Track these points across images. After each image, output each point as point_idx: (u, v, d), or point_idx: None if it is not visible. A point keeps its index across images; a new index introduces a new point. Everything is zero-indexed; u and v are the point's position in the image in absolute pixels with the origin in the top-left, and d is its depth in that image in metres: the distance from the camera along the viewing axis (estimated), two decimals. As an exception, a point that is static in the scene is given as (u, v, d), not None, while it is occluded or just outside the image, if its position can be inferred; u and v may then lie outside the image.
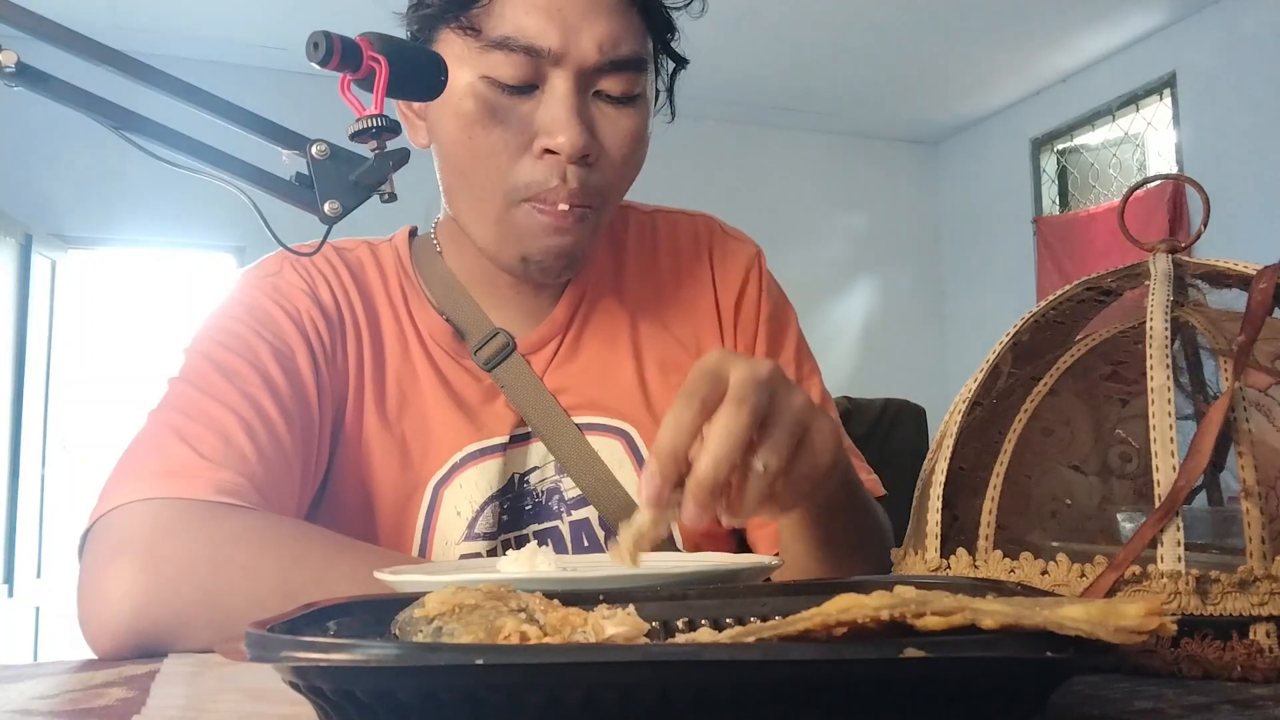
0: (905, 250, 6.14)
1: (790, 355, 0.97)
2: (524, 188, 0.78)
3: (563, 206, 0.78)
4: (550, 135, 0.76)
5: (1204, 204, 0.63)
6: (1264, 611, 0.49)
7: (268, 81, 4.32)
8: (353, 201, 0.70)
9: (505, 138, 0.77)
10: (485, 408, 0.87)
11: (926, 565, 0.59)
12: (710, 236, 0.98)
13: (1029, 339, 0.65)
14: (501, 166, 0.78)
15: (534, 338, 0.90)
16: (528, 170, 0.78)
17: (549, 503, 0.87)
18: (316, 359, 0.83)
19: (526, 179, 0.78)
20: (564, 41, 0.75)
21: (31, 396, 4.32)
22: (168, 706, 0.46)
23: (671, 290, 0.96)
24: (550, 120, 0.76)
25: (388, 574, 0.63)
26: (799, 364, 0.97)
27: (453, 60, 0.75)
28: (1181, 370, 0.63)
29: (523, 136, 0.77)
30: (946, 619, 0.33)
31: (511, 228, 0.80)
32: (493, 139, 0.77)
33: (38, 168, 4.51)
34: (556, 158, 0.77)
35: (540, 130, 0.77)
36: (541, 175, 0.77)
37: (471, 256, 0.89)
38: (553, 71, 0.76)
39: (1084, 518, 0.62)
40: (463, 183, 0.81)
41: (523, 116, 0.77)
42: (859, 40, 4.78)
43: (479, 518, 0.85)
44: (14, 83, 0.61)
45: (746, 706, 0.34)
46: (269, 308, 0.83)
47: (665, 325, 0.94)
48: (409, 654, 0.33)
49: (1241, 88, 4.37)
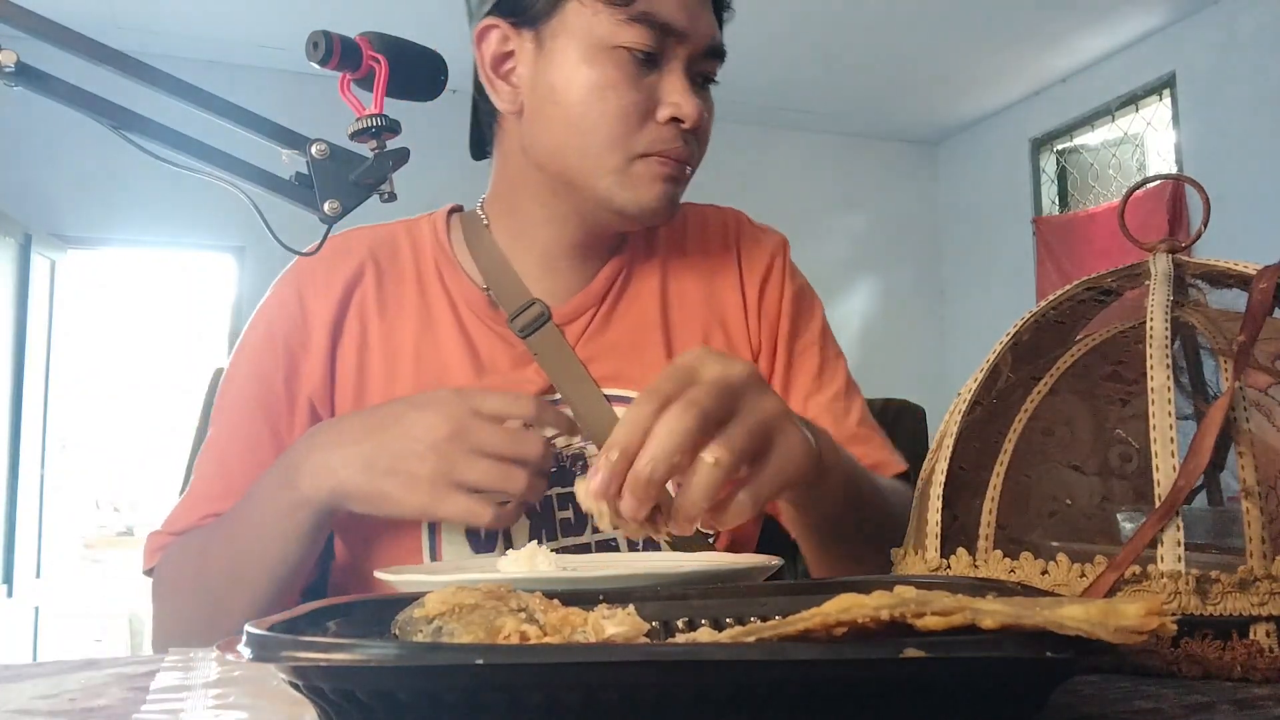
0: (905, 250, 6.14)
1: (814, 338, 1.00)
2: (648, 145, 0.86)
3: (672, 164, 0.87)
4: (677, 106, 0.85)
5: (1204, 204, 0.63)
6: (1264, 611, 0.49)
7: (268, 81, 4.32)
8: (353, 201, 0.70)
9: (635, 101, 0.84)
10: (515, 371, 0.91)
11: (926, 565, 0.59)
12: (738, 226, 1.03)
13: (1029, 339, 0.65)
14: (630, 127, 0.85)
15: (569, 308, 0.94)
16: (653, 132, 0.86)
17: (573, 467, 0.89)
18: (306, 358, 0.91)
19: (650, 138, 0.86)
20: (689, 25, 0.85)
21: (31, 396, 4.32)
22: (167, 706, 0.46)
23: (700, 275, 1.00)
24: (677, 92, 0.85)
25: (388, 574, 0.63)
26: (823, 349, 1.00)
27: (581, 27, 0.84)
28: (1181, 370, 0.63)
29: (650, 103, 0.85)
30: (946, 619, 0.33)
31: (631, 178, 0.87)
32: (624, 102, 0.84)
33: (37, 168, 4.51)
34: (678, 125, 0.86)
35: (664, 99, 0.85)
36: (666, 136, 0.86)
37: (520, 230, 0.95)
38: (676, 49, 0.85)
39: (1084, 518, 0.62)
40: (581, 140, 0.86)
41: (649, 85, 0.85)
42: (859, 40, 4.78)
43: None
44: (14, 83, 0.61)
45: (746, 706, 0.34)
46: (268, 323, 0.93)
47: (694, 307, 0.98)
48: (409, 654, 0.33)
49: (1241, 88, 4.37)
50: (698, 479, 0.55)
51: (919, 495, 0.64)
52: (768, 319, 0.99)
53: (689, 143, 0.87)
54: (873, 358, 5.70)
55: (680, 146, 0.86)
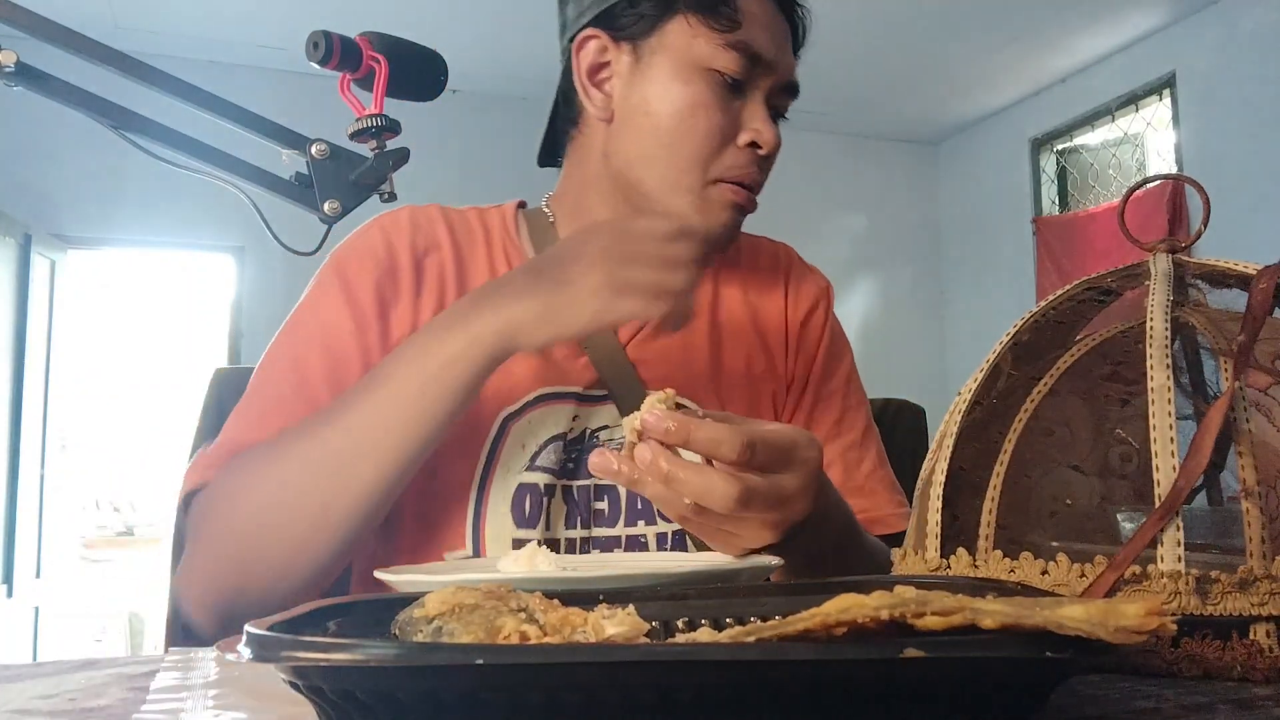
0: (905, 250, 6.14)
1: (840, 384, 1.04)
2: (724, 169, 0.90)
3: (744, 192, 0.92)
4: (757, 132, 0.90)
5: (1204, 204, 0.63)
6: (1264, 611, 0.49)
7: (268, 81, 4.32)
8: (352, 201, 0.70)
9: (722, 124, 0.89)
10: (568, 361, 0.93)
11: (926, 565, 0.59)
12: (789, 261, 1.08)
13: (1029, 339, 0.65)
14: (714, 147, 0.89)
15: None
16: (731, 156, 0.90)
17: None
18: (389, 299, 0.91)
19: (729, 162, 0.90)
20: (776, 58, 0.90)
21: (31, 396, 4.32)
22: (167, 706, 0.46)
23: (749, 297, 1.04)
24: (759, 119, 0.90)
25: (388, 574, 0.63)
26: (845, 396, 1.04)
27: (680, 46, 0.89)
28: (1181, 370, 0.63)
29: (732, 127, 0.90)
30: (946, 619, 0.33)
31: (706, 201, 0.91)
32: (713, 123, 0.89)
33: (38, 168, 4.51)
34: (756, 151, 0.91)
35: (746, 125, 0.90)
36: (743, 162, 0.90)
37: None
38: (760, 80, 0.90)
39: (1084, 518, 0.62)
40: (667, 153, 0.90)
41: (734, 110, 0.90)
42: (859, 40, 4.78)
43: (541, 452, 0.89)
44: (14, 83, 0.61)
45: (746, 706, 0.34)
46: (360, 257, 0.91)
47: (740, 326, 1.02)
48: (409, 654, 0.33)
49: (1241, 88, 4.37)
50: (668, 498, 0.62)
51: (919, 495, 0.64)
52: (805, 354, 1.03)
53: (762, 170, 0.92)
54: (873, 358, 5.69)
55: (754, 172, 0.91)
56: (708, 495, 0.61)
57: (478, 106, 4.97)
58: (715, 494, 0.61)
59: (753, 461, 0.62)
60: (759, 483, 0.62)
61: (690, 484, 0.61)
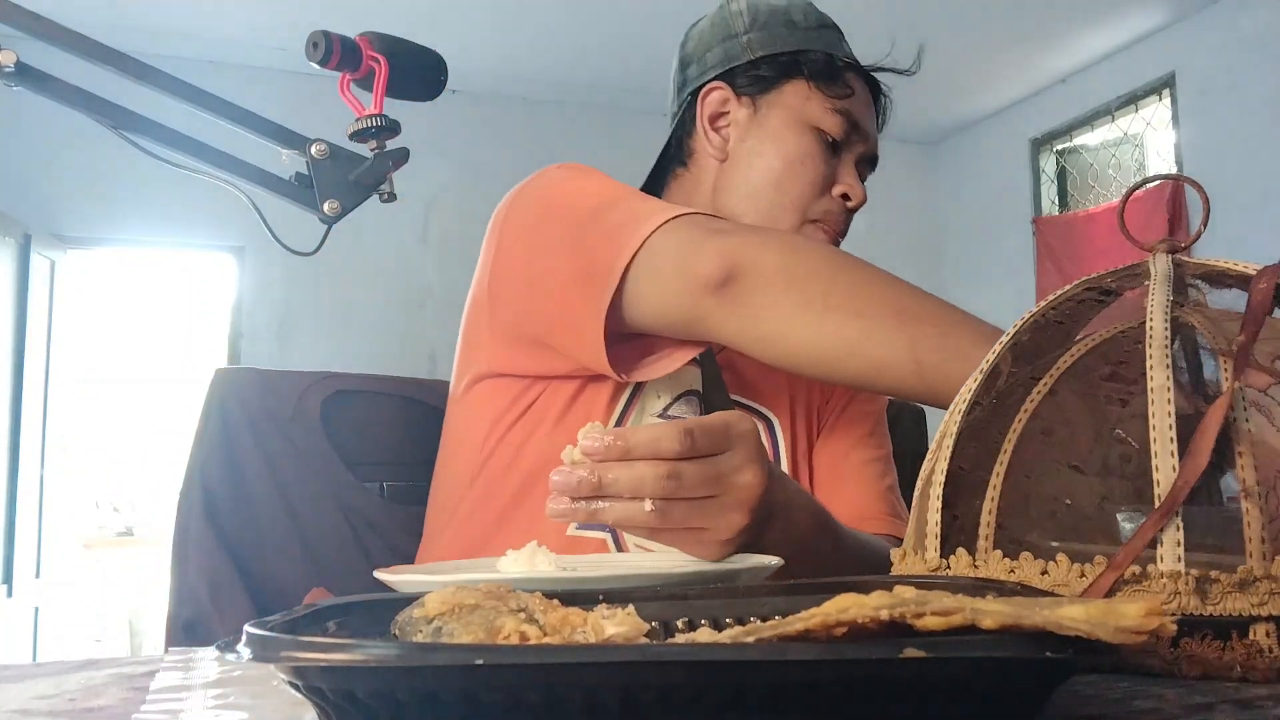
0: (905, 250, 6.12)
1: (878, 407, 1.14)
2: (819, 213, 1.04)
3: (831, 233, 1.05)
4: (850, 186, 1.05)
5: (1204, 204, 0.63)
6: (1264, 611, 0.49)
7: (268, 81, 4.32)
8: (352, 201, 0.70)
9: (823, 175, 1.04)
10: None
11: (926, 565, 0.59)
12: None
13: (1029, 339, 0.65)
14: (814, 194, 1.04)
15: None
16: (826, 203, 1.04)
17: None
18: None
19: (824, 208, 1.04)
20: (869, 129, 1.08)
21: (30, 397, 4.32)
22: (167, 706, 0.46)
23: None
24: (851, 176, 1.06)
25: (388, 574, 0.63)
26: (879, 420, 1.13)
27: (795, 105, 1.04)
28: (1181, 370, 0.63)
29: (829, 179, 1.04)
30: (946, 619, 0.33)
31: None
32: (817, 172, 1.04)
33: (37, 168, 4.51)
34: (847, 203, 1.06)
35: (841, 179, 1.05)
36: (835, 210, 1.05)
37: None
38: (854, 144, 1.06)
39: (1084, 518, 0.62)
40: (775, 193, 1.04)
41: (831, 166, 1.05)
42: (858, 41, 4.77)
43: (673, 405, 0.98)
44: (14, 83, 0.61)
45: (747, 706, 0.34)
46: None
47: None
48: (409, 654, 0.33)
49: (1241, 88, 4.37)
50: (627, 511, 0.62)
51: (919, 495, 0.64)
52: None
53: (847, 222, 1.06)
54: (873, 358, 5.70)
55: (842, 221, 1.05)
56: (641, 483, 0.62)
57: (478, 106, 4.97)
58: (647, 479, 0.62)
59: (696, 448, 0.63)
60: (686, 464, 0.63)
61: (621, 480, 0.62)
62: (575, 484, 0.62)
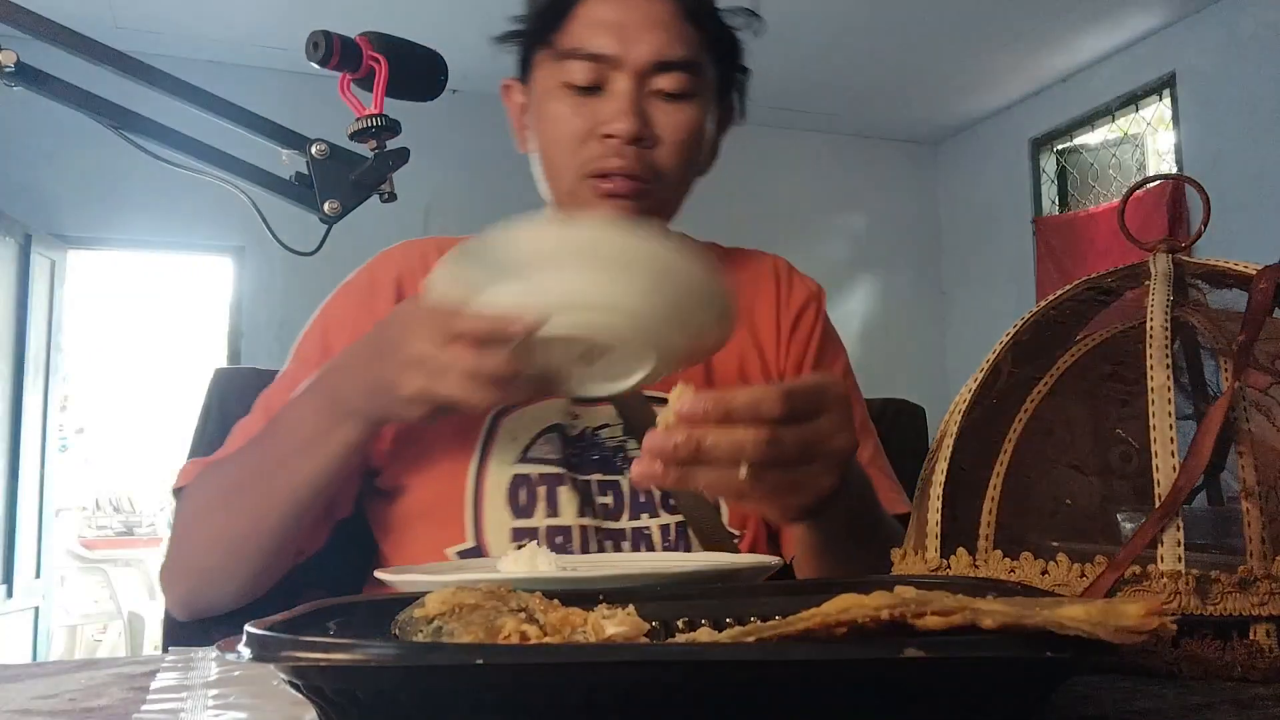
0: (905, 250, 6.13)
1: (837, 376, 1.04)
2: (589, 163, 0.93)
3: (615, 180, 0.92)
4: (609, 123, 0.91)
5: (1204, 204, 0.63)
6: (1264, 611, 0.49)
7: (268, 81, 4.32)
8: (352, 201, 0.70)
9: (576, 126, 0.93)
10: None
11: (926, 565, 0.59)
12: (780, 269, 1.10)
13: (1029, 339, 0.65)
14: (573, 149, 0.93)
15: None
16: (589, 149, 0.93)
17: (614, 458, 0.94)
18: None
19: (591, 155, 0.93)
20: (622, 49, 0.92)
21: (31, 397, 4.32)
22: (167, 706, 0.46)
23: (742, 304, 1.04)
24: (610, 111, 0.92)
25: (388, 574, 0.63)
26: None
27: (543, 75, 0.96)
28: (1181, 370, 0.63)
29: (591, 126, 0.93)
30: (946, 619, 0.33)
31: (578, 199, 0.95)
32: (569, 128, 0.93)
33: (38, 168, 4.51)
34: (616, 141, 0.92)
35: (602, 120, 0.92)
36: (600, 153, 0.92)
37: None
38: (614, 75, 0.92)
39: (1084, 518, 0.62)
40: (550, 169, 0.97)
41: (592, 110, 0.93)
42: (859, 40, 4.78)
43: (535, 444, 0.92)
44: (14, 83, 0.61)
45: (746, 706, 0.34)
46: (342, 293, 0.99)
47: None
48: (409, 654, 0.33)
49: (1241, 88, 4.37)
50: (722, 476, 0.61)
51: (919, 495, 0.64)
52: (795, 355, 1.05)
53: (639, 158, 0.92)
54: (873, 358, 5.70)
55: (618, 161, 0.92)
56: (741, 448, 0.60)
57: (478, 106, 4.97)
58: (748, 443, 0.60)
59: (794, 412, 0.62)
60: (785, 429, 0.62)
61: (721, 444, 0.60)
62: (672, 448, 0.60)
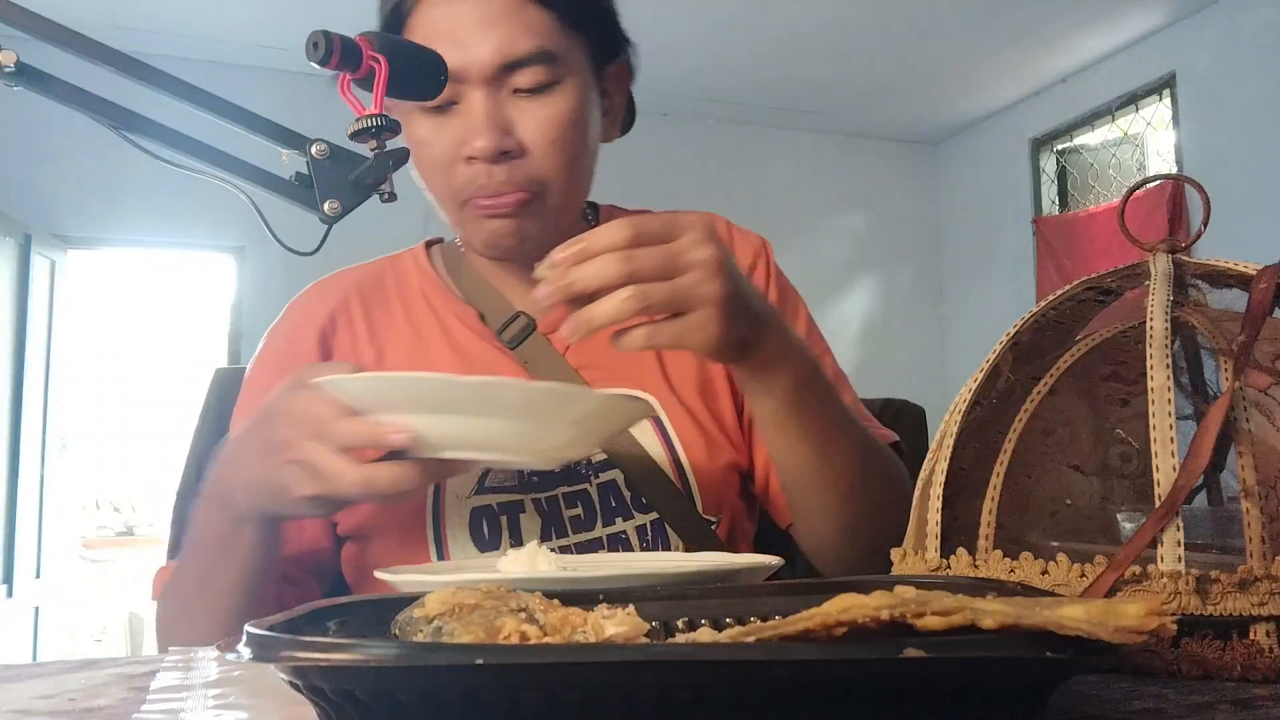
0: (905, 250, 6.13)
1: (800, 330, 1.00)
2: (463, 189, 0.88)
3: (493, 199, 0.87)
4: (468, 143, 0.85)
5: (1204, 204, 0.63)
6: (1264, 611, 0.49)
7: (268, 81, 4.32)
8: (352, 201, 0.70)
9: (441, 152, 0.87)
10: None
11: (926, 565, 0.59)
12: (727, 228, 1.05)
13: (1029, 339, 0.65)
14: (444, 175, 0.88)
15: (553, 318, 0.94)
16: (462, 175, 0.87)
17: (577, 466, 0.91)
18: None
19: (462, 182, 0.87)
20: (460, 59, 0.82)
21: (31, 396, 4.32)
22: (167, 706, 0.46)
23: None
24: (466, 130, 0.85)
25: (388, 574, 0.63)
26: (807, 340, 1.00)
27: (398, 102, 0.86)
28: (1181, 370, 0.63)
29: (454, 148, 0.86)
30: (946, 619, 0.33)
31: (464, 224, 0.91)
32: (434, 155, 0.88)
33: (38, 168, 4.51)
34: (479, 162, 0.86)
35: (460, 140, 0.86)
36: (469, 175, 0.87)
37: None
38: (462, 88, 0.85)
39: (1084, 518, 0.62)
40: (434, 198, 0.92)
41: (451, 130, 0.86)
42: (859, 40, 4.78)
43: (490, 472, 0.89)
44: (14, 83, 0.61)
45: (746, 706, 0.34)
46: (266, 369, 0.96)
47: None
48: (409, 654, 0.33)
49: (1241, 88, 4.36)
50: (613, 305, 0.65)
51: (919, 495, 0.64)
52: None
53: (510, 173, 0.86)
54: (873, 358, 5.71)
55: (490, 183, 0.86)
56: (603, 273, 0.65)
57: (478, 106, 4.96)
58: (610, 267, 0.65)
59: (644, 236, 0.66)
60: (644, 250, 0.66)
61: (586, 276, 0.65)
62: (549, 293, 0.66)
